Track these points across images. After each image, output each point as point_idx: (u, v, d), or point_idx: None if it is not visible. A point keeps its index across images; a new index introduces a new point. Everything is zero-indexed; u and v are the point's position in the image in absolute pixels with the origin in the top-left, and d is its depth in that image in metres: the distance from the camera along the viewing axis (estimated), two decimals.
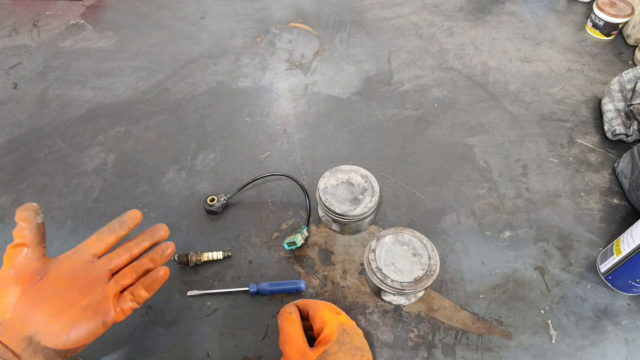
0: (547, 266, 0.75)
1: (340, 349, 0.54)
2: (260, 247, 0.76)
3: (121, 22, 1.17)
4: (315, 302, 0.59)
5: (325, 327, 0.55)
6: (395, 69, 1.08)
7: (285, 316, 0.58)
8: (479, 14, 1.25)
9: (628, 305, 0.71)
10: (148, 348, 0.65)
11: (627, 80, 0.95)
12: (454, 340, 0.67)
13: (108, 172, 0.85)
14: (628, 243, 0.67)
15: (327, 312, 0.57)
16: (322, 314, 0.56)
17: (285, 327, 0.56)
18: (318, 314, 0.57)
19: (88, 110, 0.96)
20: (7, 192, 0.82)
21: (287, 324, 0.56)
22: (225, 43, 1.13)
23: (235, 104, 0.98)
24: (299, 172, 0.86)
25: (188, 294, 0.69)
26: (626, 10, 1.13)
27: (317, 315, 0.57)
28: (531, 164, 0.89)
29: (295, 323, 0.57)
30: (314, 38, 1.15)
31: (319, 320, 0.56)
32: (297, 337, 0.55)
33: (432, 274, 0.64)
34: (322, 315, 0.56)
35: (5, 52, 1.08)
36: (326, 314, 0.56)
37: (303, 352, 0.53)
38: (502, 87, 1.04)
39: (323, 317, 0.56)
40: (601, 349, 0.66)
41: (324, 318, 0.56)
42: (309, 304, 0.59)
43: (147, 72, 1.05)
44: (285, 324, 0.57)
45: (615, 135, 0.91)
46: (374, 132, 0.94)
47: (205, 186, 0.83)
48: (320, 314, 0.56)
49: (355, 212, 0.71)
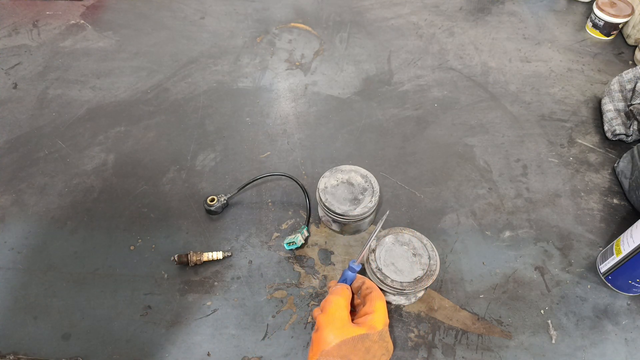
0: (547, 266, 0.75)
1: (379, 342, 0.54)
2: (260, 247, 0.76)
3: (121, 22, 1.17)
4: (374, 285, 0.60)
5: (375, 313, 0.55)
6: (395, 69, 1.08)
7: (338, 287, 0.58)
8: (479, 14, 1.25)
9: (628, 305, 0.71)
10: (148, 348, 0.65)
11: (627, 80, 0.95)
12: (454, 340, 0.67)
13: (108, 172, 0.85)
14: (628, 243, 0.67)
15: (382, 302, 0.57)
16: (376, 301, 0.57)
17: (334, 295, 0.56)
18: (373, 298, 0.57)
19: (88, 110, 0.96)
20: (7, 192, 0.82)
21: (337, 294, 0.57)
22: (225, 43, 1.13)
23: (235, 104, 0.98)
24: (299, 172, 0.86)
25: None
26: (626, 10, 1.13)
27: (372, 299, 0.57)
28: (531, 164, 0.89)
29: (345, 296, 0.57)
30: (314, 38, 1.15)
31: (370, 304, 0.56)
32: (342, 306, 0.55)
33: (432, 274, 0.64)
34: (376, 301, 0.57)
35: (5, 52, 1.08)
36: (380, 303, 0.57)
37: (343, 323, 0.54)
38: (502, 87, 1.04)
39: (376, 304, 0.56)
40: (601, 349, 0.66)
41: (377, 305, 0.56)
42: (369, 284, 0.59)
43: (147, 72, 1.05)
44: (336, 293, 0.57)
45: (615, 135, 0.91)
46: (374, 132, 0.94)
47: (205, 186, 0.83)
48: (375, 300, 0.57)
49: (355, 212, 0.71)
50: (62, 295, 0.70)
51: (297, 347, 0.65)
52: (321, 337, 0.53)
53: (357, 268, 0.61)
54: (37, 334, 0.66)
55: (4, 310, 0.68)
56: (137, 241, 0.76)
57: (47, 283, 0.71)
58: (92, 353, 0.64)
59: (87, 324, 0.67)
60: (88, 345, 0.65)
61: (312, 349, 0.54)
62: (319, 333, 0.53)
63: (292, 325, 0.67)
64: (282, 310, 0.69)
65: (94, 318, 0.67)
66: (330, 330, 0.53)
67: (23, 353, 0.64)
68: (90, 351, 0.64)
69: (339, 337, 0.52)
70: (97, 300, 0.69)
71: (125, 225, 0.78)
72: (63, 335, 0.66)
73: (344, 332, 0.53)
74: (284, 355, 0.65)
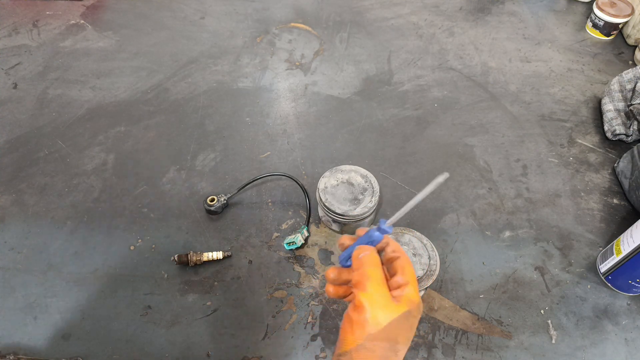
0: (547, 266, 0.75)
1: (418, 316, 0.46)
2: (260, 247, 0.76)
3: (121, 22, 1.17)
4: (399, 247, 0.50)
5: (410, 285, 0.46)
6: (395, 69, 1.08)
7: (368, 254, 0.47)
8: (479, 14, 1.25)
9: (628, 305, 0.71)
10: (148, 348, 0.65)
11: (627, 80, 0.95)
12: (454, 340, 0.67)
13: (108, 172, 0.85)
14: (628, 243, 0.67)
15: (412, 269, 0.48)
16: (408, 267, 0.48)
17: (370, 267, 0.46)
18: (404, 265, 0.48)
19: (88, 110, 0.96)
20: (7, 192, 0.82)
21: (372, 265, 0.46)
22: (225, 43, 1.13)
23: (235, 104, 0.98)
24: (299, 172, 0.86)
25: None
26: (626, 10, 1.13)
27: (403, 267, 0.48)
28: (531, 164, 0.89)
29: (380, 266, 0.47)
30: (314, 38, 1.15)
31: (402, 272, 0.47)
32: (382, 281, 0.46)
33: (432, 274, 0.64)
34: (407, 268, 0.48)
35: (5, 52, 1.08)
36: (411, 270, 0.48)
37: (387, 300, 0.44)
38: (502, 87, 1.04)
39: (407, 272, 0.47)
40: (601, 349, 0.66)
41: (408, 273, 0.47)
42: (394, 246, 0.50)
43: (147, 72, 1.05)
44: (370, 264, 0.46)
45: (615, 135, 0.91)
46: (374, 132, 0.94)
47: (205, 186, 0.83)
48: (406, 267, 0.48)
49: (355, 212, 0.71)
50: (62, 295, 0.70)
51: (297, 347, 0.65)
52: (367, 318, 0.43)
53: (389, 231, 0.48)
54: (37, 334, 0.66)
55: (4, 310, 0.68)
56: (137, 241, 0.76)
57: (47, 283, 0.71)
58: (92, 353, 0.64)
59: (87, 324, 0.67)
60: (88, 345, 0.65)
61: (352, 331, 0.44)
62: (363, 314, 0.43)
63: (292, 325, 0.67)
64: (282, 310, 0.69)
65: (94, 318, 0.67)
66: (376, 310, 0.43)
67: (23, 353, 0.64)
68: (90, 351, 0.65)
69: (386, 318, 0.43)
70: (97, 300, 0.69)
71: (125, 225, 0.78)
72: (63, 335, 0.66)
73: (391, 312, 0.44)
74: (284, 355, 0.65)
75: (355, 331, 0.44)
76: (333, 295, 0.51)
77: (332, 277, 0.50)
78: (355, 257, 0.48)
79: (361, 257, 0.47)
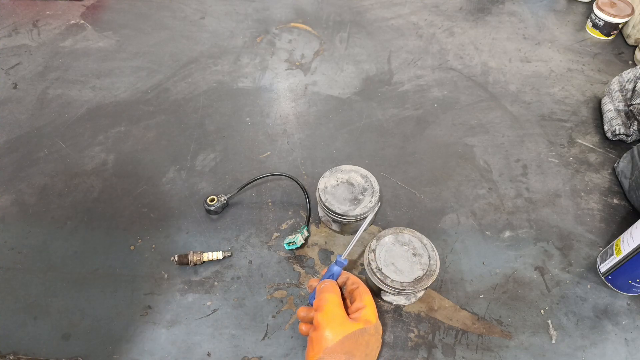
0: (547, 266, 0.75)
1: (375, 335, 0.55)
2: (260, 247, 0.76)
3: (121, 22, 1.17)
4: (359, 280, 0.60)
5: (367, 307, 0.56)
6: (395, 69, 1.08)
7: (328, 283, 0.58)
8: (479, 14, 1.25)
9: (628, 305, 0.71)
10: (148, 348, 0.65)
11: (627, 80, 0.95)
12: (454, 340, 0.67)
13: (108, 172, 0.85)
14: (628, 243, 0.67)
15: (370, 296, 0.58)
16: (365, 294, 0.57)
17: (328, 293, 0.56)
18: (362, 292, 0.57)
19: (88, 110, 0.96)
20: (7, 192, 0.82)
21: (330, 291, 0.56)
22: (225, 43, 1.13)
23: (235, 104, 0.98)
24: (299, 172, 0.86)
25: None
26: (626, 10, 1.13)
27: (360, 294, 0.57)
28: (531, 164, 0.89)
29: (337, 292, 0.57)
30: (314, 38, 1.15)
31: (360, 299, 0.57)
32: (338, 303, 0.55)
33: (432, 274, 0.64)
34: (365, 295, 0.57)
35: (5, 52, 1.08)
36: (369, 296, 0.57)
37: (342, 319, 0.54)
38: (502, 87, 1.04)
39: (365, 298, 0.57)
40: (601, 349, 0.66)
41: (367, 299, 0.57)
42: (353, 280, 0.60)
43: (147, 72, 1.05)
44: (328, 291, 0.56)
45: (615, 135, 0.91)
46: (374, 132, 0.94)
47: (205, 186, 0.83)
48: (364, 294, 0.57)
49: (355, 212, 0.71)
50: (62, 295, 0.70)
51: (297, 347, 0.65)
52: (322, 335, 0.52)
53: (345, 262, 0.60)
54: (37, 334, 0.66)
55: (4, 310, 0.68)
56: (137, 241, 0.76)
57: (47, 283, 0.71)
58: (92, 353, 0.64)
59: (87, 324, 0.67)
60: (88, 345, 0.65)
61: (312, 348, 0.53)
62: (319, 332, 0.53)
63: (292, 325, 0.67)
64: (282, 310, 0.69)
65: (94, 318, 0.67)
66: (331, 327, 0.53)
67: (23, 353, 0.64)
68: (90, 351, 0.64)
69: (340, 333, 0.52)
70: (97, 300, 0.69)
71: (125, 225, 0.78)
72: (63, 335, 0.66)
73: (344, 328, 0.53)
74: (284, 355, 0.65)
75: (314, 347, 0.53)
76: (305, 333, 0.60)
77: (303, 315, 0.60)
78: (317, 289, 0.58)
79: (322, 287, 0.57)
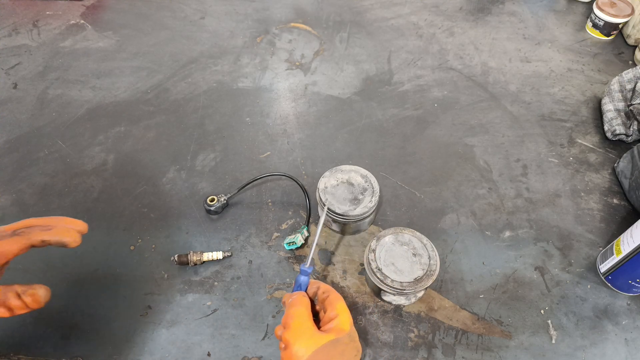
0: (547, 266, 0.75)
1: (350, 343, 0.52)
2: (260, 247, 0.76)
3: (121, 22, 1.17)
4: (329, 288, 0.57)
5: (340, 316, 0.53)
6: (395, 69, 1.08)
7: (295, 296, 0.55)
8: (479, 14, 1.25)
9: (628, 305, 0.71)
10: (148, 348, 0.65)
11: (627, 80, 0.95)
12: (454, 340, 0.67)
13: (108, 172, 0.85)
14: (628, 243, 0.67)
15: (342, 303, 0.55)
16: (337, 303, 0.54)
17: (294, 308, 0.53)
18: (333, 301, 0.55)
19: (88, 110, 0.96)
20: (7, 192, 0.82)
21: (296, 305, 0.54)
22: (225, 43, 1.13)
23: (235, 104, 0.98)
24: (299, 172, 0.86)
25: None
26: (626, 10, 1.13)
27: (331, 303, 0.55)
28: (531, 164, 0.89)
29: (305, 305, 0.54)
30: (314, 38, 1.15)
31: (331, 308, 0.54)
32: (305, 317, 0.53)
33: (432, 274, 0.64)
34: (336, 303, 0.54)
35: (5, 52, 1.08)
36: (341, 304, 0.55)
37: (311, 333, 0.51)
38: (502, 87, 1.04)
39: (337, 306, 0.54)
40: (601, 349, 0.66)
41: (338, 307, 0.54)
42: (324, 288, 0.57)
43: (147, 72, 1.05)
44: (294, 305, 0.54)
45: (615, 135, 0.91)
46: (374, 132, 0.94)
47: (205, 186, 0.83)
48: (335, 302, 0.55)
49: (355, 212, 0.71)
50: (62, 295, 0.70)
51: None
52: (292, 353, 0.50)
53: (309, 270, 0.58)
54: (37, 334, 0.66)
55: None
56: (137, 241, 0.76)
57: (47, 283, 0.71)
58: (92, 353, 0.64)
59: (87, 324, 0.67)
60: (88, 345, 0.65)
61: None
62: (288, 350, 0.50)
63: None
64: (282, 311, 0.69)
65: (94, 318, 0.67)
66: (299, 344, 0.50)
67: (23, 353, 0.64)
68: (90, 351, 0.65)
69: (310, 348, 0.49)
70: (97, 300, 0.69)
71: (125, 225, 0.78)
72: (63, 335, 0.66)
73: (314, 342, 0.50)
74: None
75: None
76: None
77: (279, 333, 0.56)
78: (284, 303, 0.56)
79: (289, 302, 0.55)
